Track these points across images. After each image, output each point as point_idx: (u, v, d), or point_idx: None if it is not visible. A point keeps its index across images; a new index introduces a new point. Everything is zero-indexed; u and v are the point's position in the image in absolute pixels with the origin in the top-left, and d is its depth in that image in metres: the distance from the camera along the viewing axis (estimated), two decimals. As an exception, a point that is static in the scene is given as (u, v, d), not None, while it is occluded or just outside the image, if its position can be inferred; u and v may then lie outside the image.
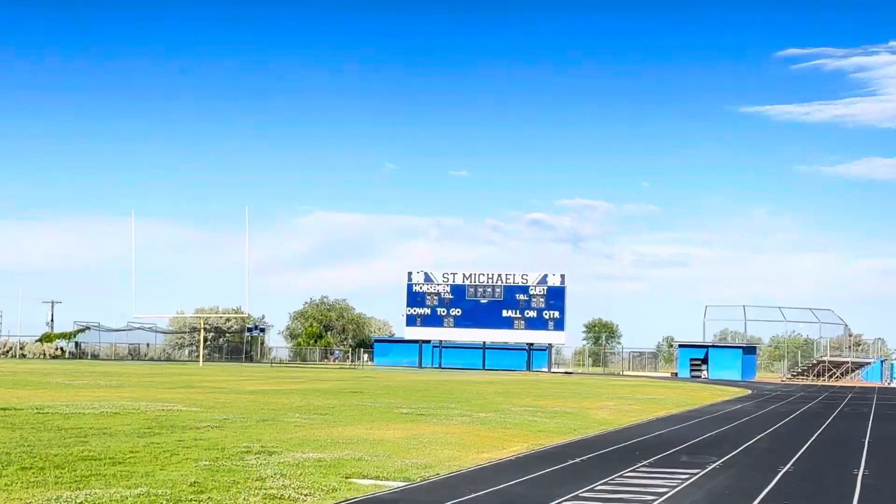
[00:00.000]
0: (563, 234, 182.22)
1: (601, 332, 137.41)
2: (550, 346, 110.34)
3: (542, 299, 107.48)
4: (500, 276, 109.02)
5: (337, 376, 71.69)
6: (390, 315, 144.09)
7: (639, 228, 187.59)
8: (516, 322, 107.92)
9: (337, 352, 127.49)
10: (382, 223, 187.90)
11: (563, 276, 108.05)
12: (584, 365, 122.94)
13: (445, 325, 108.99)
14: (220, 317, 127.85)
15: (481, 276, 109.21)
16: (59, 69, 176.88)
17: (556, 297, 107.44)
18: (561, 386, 62.96)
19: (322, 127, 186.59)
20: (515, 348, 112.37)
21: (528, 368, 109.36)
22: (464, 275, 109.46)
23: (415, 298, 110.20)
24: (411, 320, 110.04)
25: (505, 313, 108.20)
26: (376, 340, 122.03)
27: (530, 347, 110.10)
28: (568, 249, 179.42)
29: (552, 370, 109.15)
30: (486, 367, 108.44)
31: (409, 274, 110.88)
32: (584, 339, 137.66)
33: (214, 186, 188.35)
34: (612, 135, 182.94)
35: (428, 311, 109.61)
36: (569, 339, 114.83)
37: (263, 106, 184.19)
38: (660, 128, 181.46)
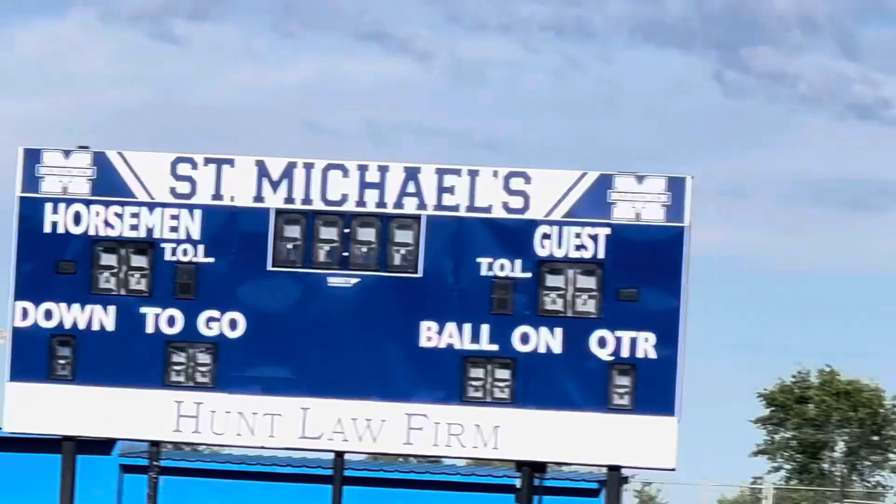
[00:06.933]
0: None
1: (825, 419, 53.49)
2: (618, 477, 26.50)
3: (590, 284, 24.34)
4: (411, 174, 26.03)
5: None
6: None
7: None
8: (475, 377, 24.78)
9: None
10: None
11: (676, 186, 24.63)
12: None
13: (181, 377, 24.95)
14: None
15: (333, 174, 25.39)
16: None
17: (653, 270, 24.23)
18: None
19: None
20: (462, 481, 36.35)
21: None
22: (262, 170, 25.71)
23: (42, 267, 24.86)
24: (26, 363, 24.83)
25: (429, 340, 25.02)
26: None
27: (530, 485, 26.57)
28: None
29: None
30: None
31: (29, 156, 24.98)
32: (762, 457, 58.18)
33: None
34: None
35: (106, 313, 24.76)
36: (694, 457, 33.27)
37: None
38: None
